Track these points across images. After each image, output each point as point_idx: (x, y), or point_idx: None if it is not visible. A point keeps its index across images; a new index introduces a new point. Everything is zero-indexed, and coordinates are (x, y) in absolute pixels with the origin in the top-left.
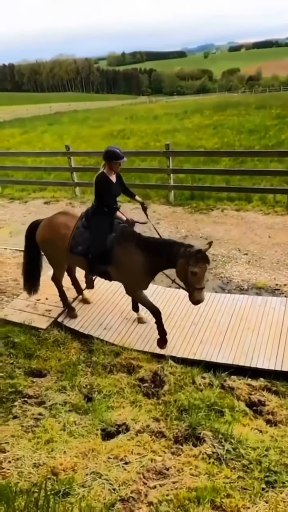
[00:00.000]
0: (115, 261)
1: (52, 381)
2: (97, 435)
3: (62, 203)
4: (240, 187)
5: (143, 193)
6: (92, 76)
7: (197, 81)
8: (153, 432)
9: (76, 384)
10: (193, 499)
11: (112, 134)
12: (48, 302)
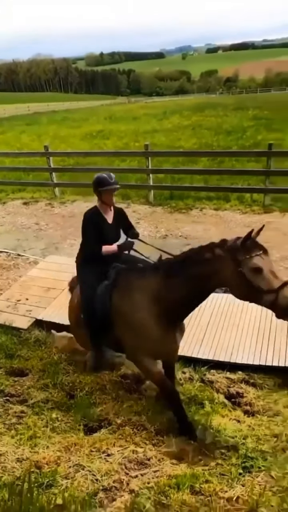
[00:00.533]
0: (118, 318)
1: (34, 379)
2: (80, 430)
3: (41, 203)
4: (218, 186)
5: (123, 193)
6: (70, 76)
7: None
8: (134, 425)
9: (58, 382)
10: (173, 486)
11: (91, 134)
12: (29, 303)
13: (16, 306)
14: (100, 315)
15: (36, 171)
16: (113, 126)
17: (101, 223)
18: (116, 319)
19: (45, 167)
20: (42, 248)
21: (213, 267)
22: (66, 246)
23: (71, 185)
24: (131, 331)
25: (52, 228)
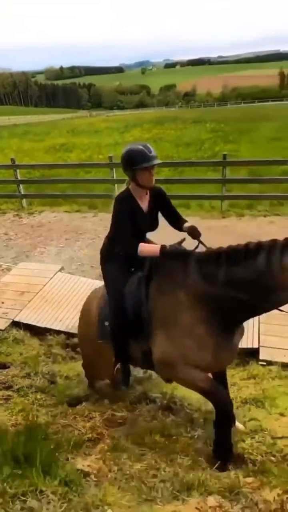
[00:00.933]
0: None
1: (17, 370)
2: (63, 404)
3: (9, 214)
4: (180, 194)
5: (89, 203)
6: (30, 90)
7: (136, 96)
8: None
9: (39, 371)
10: (147, 433)
11: (55, 147)
12: (4, 306)
13: None
14: (131, 316)
15: (4, 183)
16: (75, 139)
17: (133, 212)
18: (153, 321)
19: (12, 179)
20: (12, 257)
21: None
22: (36, 254)
23: (38, 196)
24: (172, 338)
25: (22, 238)
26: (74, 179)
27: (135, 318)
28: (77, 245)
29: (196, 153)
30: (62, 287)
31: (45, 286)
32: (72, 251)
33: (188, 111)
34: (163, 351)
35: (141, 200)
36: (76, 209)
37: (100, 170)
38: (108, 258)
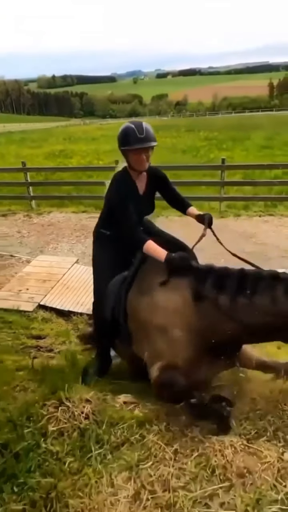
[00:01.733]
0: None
1: (53, 340)
2: None
3: (19, 215)
4: None
5: (95, 204)
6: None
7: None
8: None
9: (72, 340)
10: None
11: (54, 153)
12: (29, 292)
13: (19, 295)
14: (108, 315)
15: (11, 186)
16: (73, 146)
17: (131, 190)
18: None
19: (23, 181)
20: (28, 252)
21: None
22: (50, 250)
23: (48, 198)
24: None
25: (34, 235)
26: (81, 181)
27: (112, 317)
28: (87, 241)
29: (192, 159)
30: (80, 276)
31: (65, 275)
32: (83, 247)
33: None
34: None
35: (138, 180)
36: (82, 210)
37: (101, 173)
38: (98, 242)
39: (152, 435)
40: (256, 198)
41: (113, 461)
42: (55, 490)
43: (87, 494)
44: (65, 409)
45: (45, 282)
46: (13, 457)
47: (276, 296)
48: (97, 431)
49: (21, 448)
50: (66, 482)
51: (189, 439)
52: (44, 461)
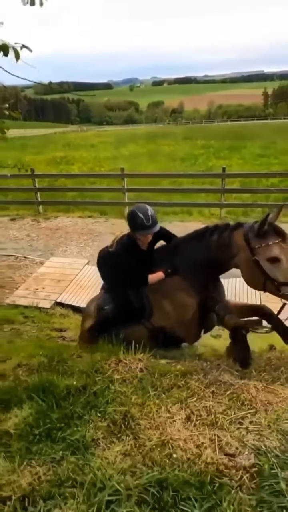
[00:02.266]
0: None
1: (73, 332)
2: None
3: (27, 219)
4: (182, 202)
5: (99, 210)
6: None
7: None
8: None
9: None
10: None
11: (56, 160)
12: (45, 291)
13: (36, 293)
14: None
15: (22, 191)
16: (74, 153)
17: (136, 253)
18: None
19: (31, 187)
20: (39, 254)
21: (226, 253)
22: (60, 252)
23: (55, 203)
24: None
25: (43, 239)
26: (87, 187)
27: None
28: (95, 244)
29: (191, 167)
30: (92, 276)
31: (77, 276)
32: (92, 249)
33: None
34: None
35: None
36: (88, 215)
37: (104, 180)
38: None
39: (193, 381)
40: (255, 204)
41: (167, 398)
42: (128, 414)
43: (152, 417)
44: (123, 365)
45: (59, 281)
46: (93, 394)
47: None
48: (151, 379)
49: (97, 389)
50: (135, 410)
51: (222, 383)
52: (115, 397)
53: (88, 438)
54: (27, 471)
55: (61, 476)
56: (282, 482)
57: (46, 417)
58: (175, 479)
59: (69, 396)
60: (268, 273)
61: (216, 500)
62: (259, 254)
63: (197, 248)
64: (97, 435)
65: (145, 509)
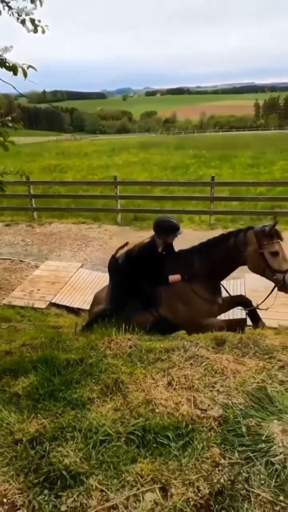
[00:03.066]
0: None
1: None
2: None
3: (22, 225)
4: (173, 209)
5: (93, 216)
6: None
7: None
8: None
9: None
10: None
11: (49, 168)
12: (40, 292)
13: (32, 295)
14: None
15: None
16: (68, 161)
17: (157, 255)
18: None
19: (26, 194)
20: (34, 258)
21: (241, 249)
22: (54, 256)
23: (49, 210)
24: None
25: (38, 244)
26: (81, 194)
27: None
28: (88, 249)
29: (183, 176)
30: (86, 279)
31: (71, 278)
32: (85, 254)
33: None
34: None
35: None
36: (82, 221)
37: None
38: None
39: (175, 356)
40: (243, 212)
41: (152, 369)
42: (119, 380)
43: (139, 383)
44: (115, 343)
45: (54, 284)
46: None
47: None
48: (139, 354)
49: (92, 361)
50: (124, 377)
51: (200, 357)
52: (108, 367)
53: (85, 397)
54: (34, 422)
55: (62, 424)
56: (243, 427)
57: (49, 382)
58: (156, 425)
59: (68, 366)
60: (269, 262)
61: (189, 438)
62: (265, 248)
63: (218, 251)
64: (92, 396)
65: (132, 445)
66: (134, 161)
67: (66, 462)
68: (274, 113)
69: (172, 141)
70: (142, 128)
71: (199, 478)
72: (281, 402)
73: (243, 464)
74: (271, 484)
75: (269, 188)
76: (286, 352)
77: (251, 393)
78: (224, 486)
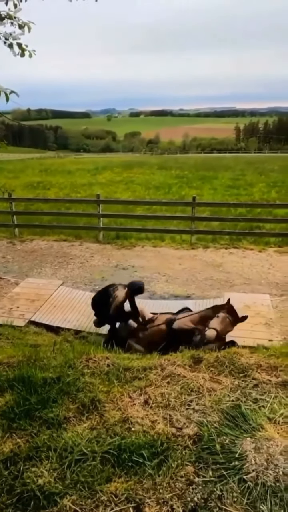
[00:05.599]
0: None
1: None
2: None
3: (3, 241)
4: (155, 228)
5: (75, 234)
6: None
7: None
8: None
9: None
10: None
11: (33, 185)
12: (20, 310)
13: (11, 312)
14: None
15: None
16: (51, 178)
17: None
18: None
19: (8, 210)
20: (13, 276)
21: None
22: (35, 274)
23: (31, 226)
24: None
25: (18, 261)
26: (63, 212)
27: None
28: (69, 267)
29: (165, 195)
30: (66, 297)
31: (52, 296)
32: (66, 271)
33: (153, 158)
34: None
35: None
36: (63, 238)
37: (80, 205)
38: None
39: (152, 374)
40: (223, 232)
41: (129, 387)
42: (96, 398)
43: (115, 401)
44: (93, 361)
45: (34, 301)
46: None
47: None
48: (116, 372)
49: (69, 380)
50: (102, 395)
51: (176, 375)
52: (85, 386)
53: (61, 416)
54: (9, 441)
55: (38, 443)
56: (217, 445)
57: (25, 401)
58: (132, 444)
59: (45, 385)
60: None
61: (164, 457)
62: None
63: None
64: (68, 414)
65: (107, 465)
66: (118, 180)
67: (40, 482)
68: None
69: (155, 161)
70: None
71: (173, 497)
72: (254, 420)
73: (216, 482)
74: (243, 501)
75: (248, 209)
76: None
77: (226, 411)
78: (198, 504)
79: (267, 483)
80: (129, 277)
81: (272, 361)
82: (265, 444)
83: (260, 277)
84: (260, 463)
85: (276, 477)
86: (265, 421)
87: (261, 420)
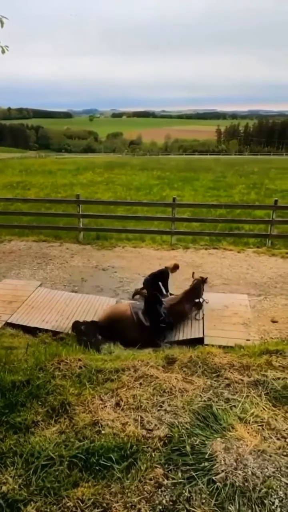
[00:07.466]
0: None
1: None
2: None
3: None
4: (135, 229)
5: (54, 234)
6: None
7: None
8: None
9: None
10: None
11: (12, 185)
12: None
13: None
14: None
15: None
16: (31, 178)
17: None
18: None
19: None
20: None
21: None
22: (13, 275)
23: (10, 227)
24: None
25: None
26: (43, 212)
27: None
28: (48, 268)
29: (146, 196)
30: (44, 298)
31: (30, 297)
32: (45, 272)
33: (135, 159)
34: None
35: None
36: (43, 239)
37: (60, 206)
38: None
39: (125, 376)
40: (203, 233)
41: (100, 389)
42: (66, 402)
43: (86, 404)
44: (65, 364)
45: (11, 303)
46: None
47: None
48: (88, 374)
49: (39, 382)
50: (72, 398)
51: (149, 377)
52: (55, 389)
53: (29, 420)
54: None
55: (3, 449)
56: (188, 446)
57: None
58: (101, 447)
59: (14, 388)
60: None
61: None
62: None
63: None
64: (37, 418)
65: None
66: (99, 180)
67: (3, 490)
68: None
69: (137, 162)
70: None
71: (141, 500)
72: (225, 420)
73: (185, 484)
74: (212, 502)
75: (228, 210)
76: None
77: (197, 411)
78: (166, 507)
79: (235, 483)
80: (108, 278)
81: (245, 361)
82: (235, 444)
83: (239, 278)
84: (229, 464)
85: (245, 477)
86: (236, 421)
87: (232, 420)
